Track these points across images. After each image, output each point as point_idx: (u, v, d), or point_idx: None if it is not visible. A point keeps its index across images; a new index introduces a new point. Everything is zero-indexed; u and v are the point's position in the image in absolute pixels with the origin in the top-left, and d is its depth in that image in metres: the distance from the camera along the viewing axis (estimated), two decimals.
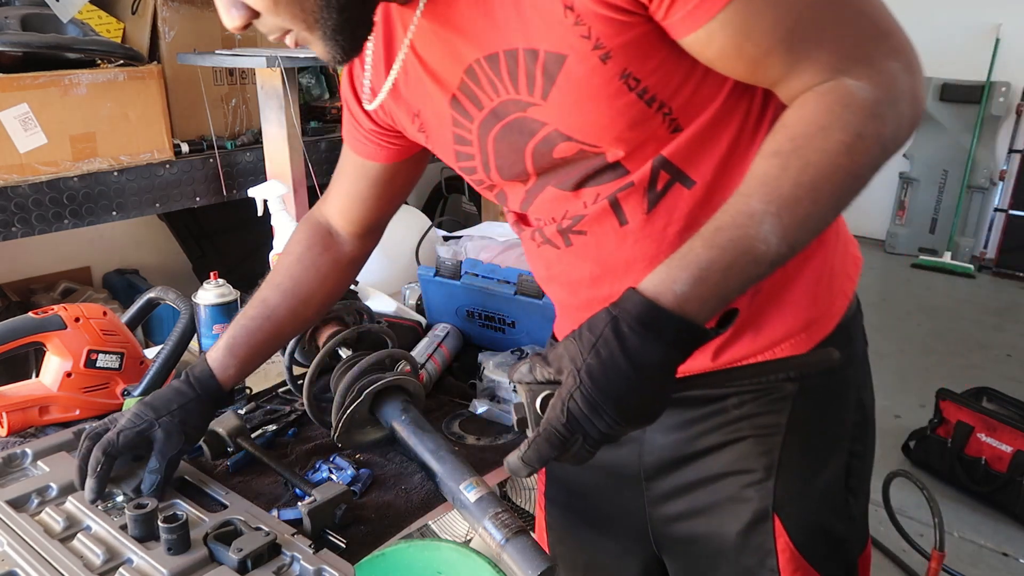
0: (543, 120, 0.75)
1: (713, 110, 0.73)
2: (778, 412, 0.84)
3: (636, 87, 0.70)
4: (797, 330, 0.82)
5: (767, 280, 0.79)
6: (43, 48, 1.68)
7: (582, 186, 0.79)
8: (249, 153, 2.05)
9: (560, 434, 0.64)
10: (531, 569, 0.85)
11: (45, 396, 1.15)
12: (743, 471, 0.86)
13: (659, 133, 0.74)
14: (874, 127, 0.63)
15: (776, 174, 0.63)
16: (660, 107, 0.72)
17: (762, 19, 0.64)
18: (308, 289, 1.04)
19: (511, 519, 0.90)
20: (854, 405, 0.88)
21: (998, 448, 2.57)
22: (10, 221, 1.67)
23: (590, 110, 0.72)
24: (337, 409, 1.09)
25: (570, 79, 0.70)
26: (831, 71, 0.65)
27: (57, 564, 0.81)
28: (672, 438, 0.89)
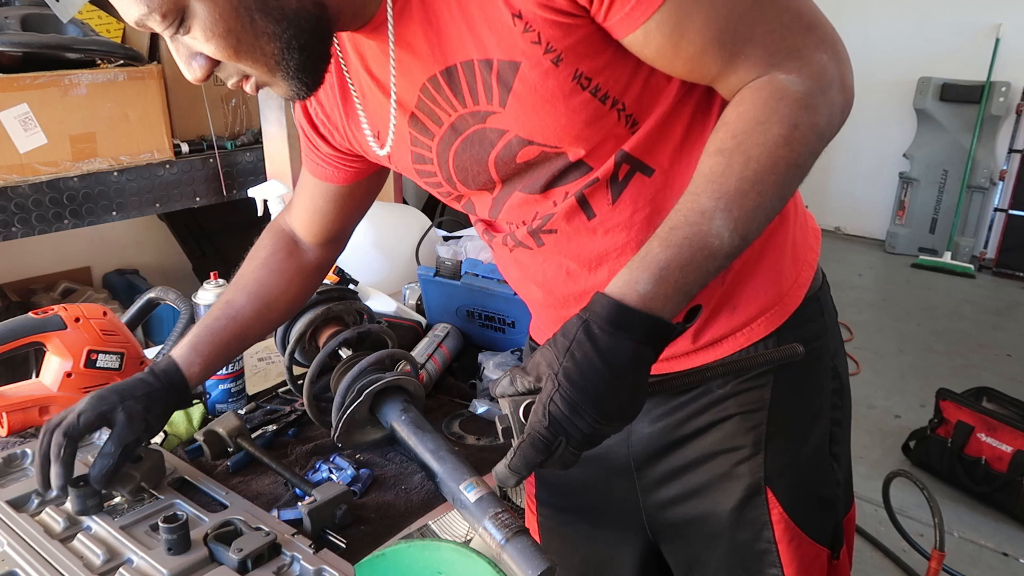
0: (503, 128, 0.77)
1: (666, 104, 0.76)
2: (761, 387, 0.87)
3: (589, 86, 0.72)
4: (770, 304, 0.85)
5: (737, 262, 0.81)
6: (43, 48, 1.68)
7: (550, 187, 0.81)
8: (249, 153, 2.05)
9: (544, 438, 0.65)
10: (531, 569, 0.86)
11: (45, 396, 1.15)
12: (732, 448, 0.88)
13: (617, 131, 0.76)
14: (808, 117, 0.67)
15: (721, 171, 0.67)
16: (614, 104, 0.74)
17: (694, 19, 0.67)
18: (273, 293, 1.05)
19: (511, 519, 0.90)
20: (831, 373, 0.91)
21: (998, 448, 2.57)
22: (10, 221, 1.67)
23: (548, 112, 0.74)
24: (337, 409, 1.09)
25: (526, 84, 0.72)
26: (764, 66, 0.69)
27: (57, 564, 0.81)
28: (659, 426, 0.91)
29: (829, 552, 0.93)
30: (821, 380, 0.91)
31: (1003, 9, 4.87)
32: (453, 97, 0.77)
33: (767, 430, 0.87)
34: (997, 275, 5.06)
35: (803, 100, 0.67)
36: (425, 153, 0.84)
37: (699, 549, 0.94)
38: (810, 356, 0.88)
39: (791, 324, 0.86)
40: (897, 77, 5.22)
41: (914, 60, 5.07)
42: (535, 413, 0.66)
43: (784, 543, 0.89)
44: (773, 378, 0.86)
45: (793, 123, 0.67)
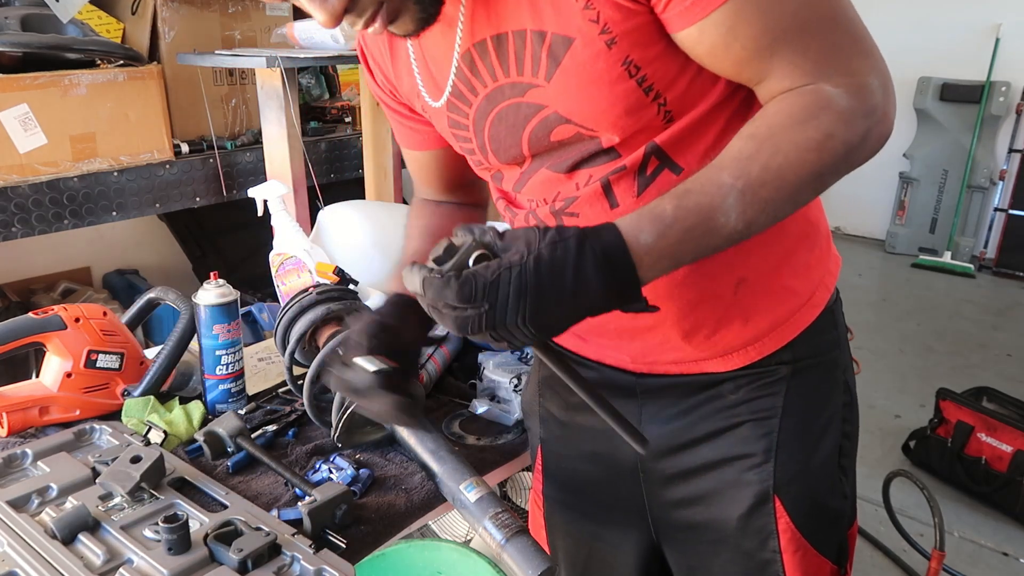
0: (542, 103, 0.77)
1: (706, 105, 0.76)
2: (774, 395, 0.87)
3: (636, 74, 0.72)
4: (783, 319, 0.86)
5: (752, 272, 0.83)
6: (43, 48, 1.68)
7: (576, 168, 0.81)
8: (249, 153, 2.05)
9: (474, 290, 0.61)
10: (531, 569, 0.86)
11: (45, 396, 1.15)
12: (743, 456, 0.87)
13: (654, 123, 0.76)
14: (845, 132, 0.67)
15: (748, 155, 0.66)
16: (656, 97, 0.74)
17: (752, 24, 0.67)
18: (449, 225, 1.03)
19: (511, 519, 0.90)
20: (842, 387, 0.92)
21: (998, 448, 2.57)
22: (10, 221, 1.67)
23: (592, 94, 0.74)
24: (337, 409, 1.09)
25: (575, 61, 0.72)
26: (813, 76, 0.68)
27: (57, 564, 0.81)
28: (669, 427, 0.90)
29: (834, 567, 0.92)
30: (833, 392, 0.91)
31: (1003, 9, 4.87)
32: (498, 65, 0.77)
33: (778, 438, 0.86)
34: (997, 275, 5.06)
35: (844, 115, 0.67)
36: (462, 120, 0.85)
37: (703, 554, 0.94)
38: (823, 367, 0.89)
39: (804, 336, 0.87)
40: (897, 77, 5.03)
41: (914, 60, 5.07)
42: (488, 267, 0.62)
43: (789, 553, 0.88)
44: (786, 386, 0.86)
45: (829, 132, 0.66)
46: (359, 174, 2.24)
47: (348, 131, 2.30)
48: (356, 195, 2.04)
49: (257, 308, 1.60)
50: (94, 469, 0.98)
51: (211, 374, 1.19)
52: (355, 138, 2.25)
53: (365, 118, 2.14)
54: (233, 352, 1.19)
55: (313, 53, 1.81)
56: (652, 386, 0.91)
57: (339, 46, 1.84)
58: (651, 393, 0.91)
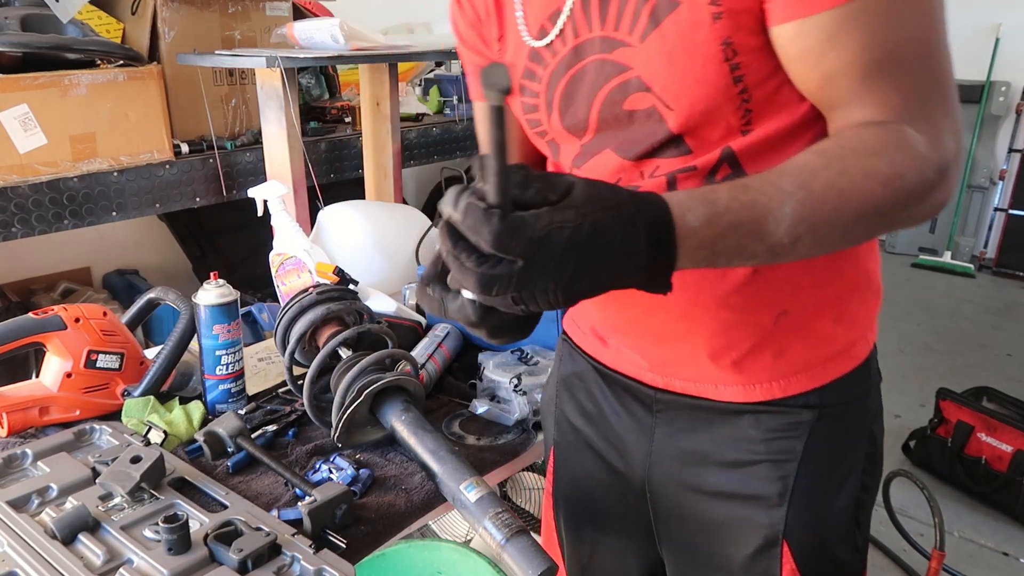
0: (628, 64, 0.73)
1: (786, 121, 0.73)
2: (795, 438, 0.83)
3: (732, 59, 0.69)
4: (816, 363, 0.83)
5: (798, 307, 0.80)
6: (43, 48, 1.68)
7: (644, 158, 0.78)
8: (249, 153, 2.05)
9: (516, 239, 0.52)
10: (531, 569, 0.86)
11: (45, 396, 1.15)
12: (756, 495, 0.85)
13: (730, 121, 0.73)
14: (915, 178, 0.63)
15: (815, 168, 0.63)
16: (743, 92, 0.71)
17: (856, 37, 0.64)
18: None
19: (511, 519, 0.90)
20: (867, 437, 0.88)
21: (998, 448, 2.57)
22: (10, 221, 1.67)
23: (682, 65, 0.70)
24: (337, 409, 1.09)
25: (676, 26, 0.69)
26: (898, 114, 0.65)
27: (57, 564, 0.81)
28: (682, 449, 0.89)
29: None
30: (857, 442, 0.87)
31: (1003, 9, 4.87)
32: (597, 14, 0.74)
33: (794, 482, 0.84)
34: (997, 275, 5.06)
35: (919, 162, 0.63)
36: (538, 70, 0.81)
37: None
38: (849, 416, 0.86)
39: (834, 384, 0.84)
40: None
41: None
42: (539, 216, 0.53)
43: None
44: (808, 431, 0.83)
45: (900, 173, 0.63)
46: (359, 174, 2.24)
47: (348, 131, 2.30)
48: (356, 195, 2.04)
49: (257, 308, 1.60)
50: (94, 469, 0.98)
51: (211, 374, 1.19)
52: (355, 138, 2.25)
53: (365, 118, 2.14)
54: (233, 352, 1.19)
55: (313, 53, 1.81)
56: (669, 403, 0.89)
57: (339, 46, 1.84)
58: (667, 410, 0.89)
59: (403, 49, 1.97)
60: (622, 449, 0.94)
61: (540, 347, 1.34)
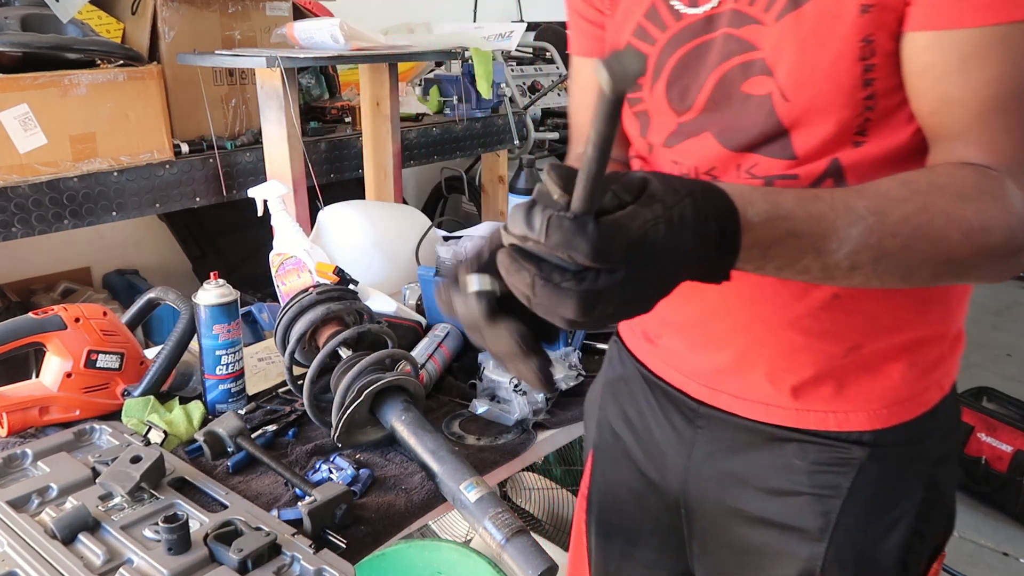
0: (756, 44, 0.69)
1: (898, 142, 0.68)
2: (842, 475, 0.79)
3: (868, 58, 0.64)
4: (879, 407, 0.78)
5: (873, 345, 0.76)
6: (43, 48, 1.68)
7: (746, 151, 0.73)
8: (249, 153, 2.05)
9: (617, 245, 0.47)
10: (531, 569, 0.86)
11: (45, 396, 1.15)
12: (795, 527, 0.81)
13: (847, 126, 0.68)
14: (1002, 235, 0.59)
15: (895, 197, 0.58)
16: (868, 97, 0.66)
17: (984, 66, 0.60)
18: None
19: (511, 519, 0.90)
20: (925, 481, 0.81)
21: (998, 448, 2.57)
22: (10, 221, 1.67)
23: (814, 54, 0.66)
24: (337, 409, 1.09)
25: (817, 10, 0.65)
26: (1001, 162, 0.61)
27: (57, 564, 0.81)
28: (721, 470, 0.86)
29: None
30: (911, 485, 0.81)
31: None
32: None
33: (837, 519, 0.79)
34: None
35: (1011, 220, 0.59)
36: (654, 31, 0.76)
37: None
38: (907, 458, 0.80)
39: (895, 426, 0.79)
40: None
41: None
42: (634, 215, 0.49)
43: None
44: (858, 468, 0.78)
45: (987, 226, 0.58)
46: (359, 174, 2.24)
47: (348, 131, 2.30)
48: (356, 195, 2.04)
49: (257, 308, 1.60)
50: (94, 469, 0.98)
51: (211, 374, 1.19)
52: (355, 138, 2.25)
53: (365, 118, 2.14)
54: (233, 352, 1.19)
55: (313, 53, 1.81)
56: (712, 419, 0.85)
57: (339, 46, 1.84)
58: (709, 427, 0.85)
59: (403, 49, 1.97)
60: (660, 461, 0.92)
61: None
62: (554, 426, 1.21)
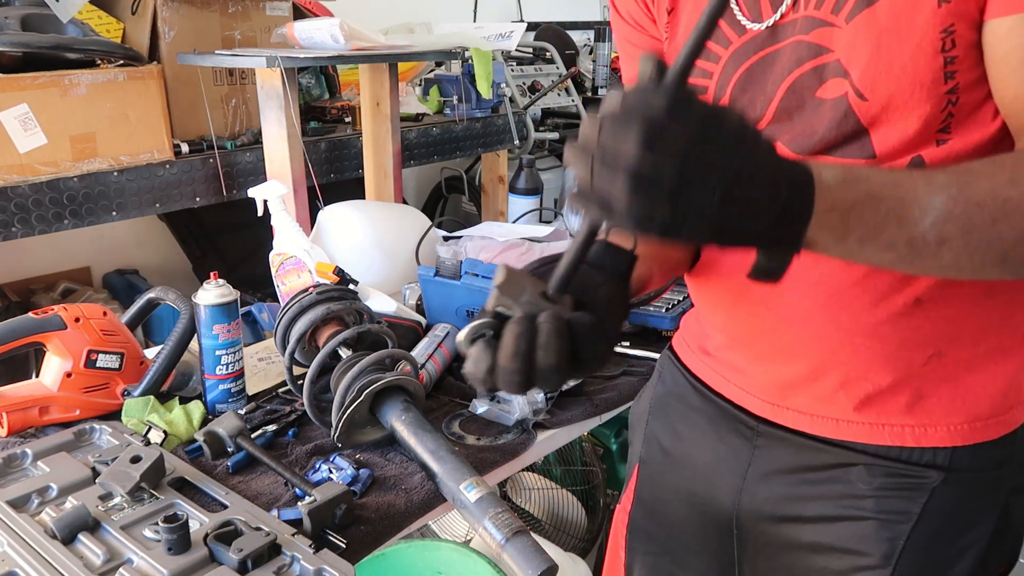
0: (828, 46, 0.67)
1: (982, 137, 0.66)
2: (912, 500, 0.75)
3: (948, 51, 0.62)
4: (960, 421, 0.75)
5: (956, 354, 0.73)
6: (43, 48, 1.68)
7: (823, 153, 0.70)
8: (249, 153, 2.04)
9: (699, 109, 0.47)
10: (531, 569, 0.86)
11: (45, 396, 1.15)
12: (858, 552, 0.78)
13: (930, 123, 0.65)
14: None
15: (979, 171, 0.56)
16: (951, 91, 0.63)
17: None
18: None
19: (511, 519, 0.91)
20: (999, 510, 0.78)
21: None
22: (10, 221, 1.67)
23: (891, 50, 0.63)
24: (337, 409, 1.09)
25: (892, 7, 0.63)
26: None
27: (57, 564, 0.81)
28: (778, 492, 0.82)
29: None
30: (984, 513, 0.77)
31: None
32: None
33: (904, 546, 0.76)
34: None
35: None
36: (717, 49, 0.74)
37: None
38: (982, 484, 0.76)
39: (971, 447, 0.75)
40: None
41: None
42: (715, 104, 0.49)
43: None
44: (930, 493, 0.75)
45: None
46: (359, 174, 2.24)
47: (348, 131, 2.30)
48: (356, 195, 2.04)
49: (257, 308, 1.60)
50: (94, 469, 0.98)
51: (211, 374, 1.19)
52: (355, 138, 2.25)
53: (365, 118, 2.14)
54: (233, 352, 1.19)
55: (313, 53, 1.81)
56: (772, 437, 0.82)
57: (339, 46, 1.84)
58: (769, 446, 0.82)
59: (403, 49, 1.97)
60: (712, 480, 0.89)
61: None
62: (554, 426, 1.21)
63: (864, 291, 0.72)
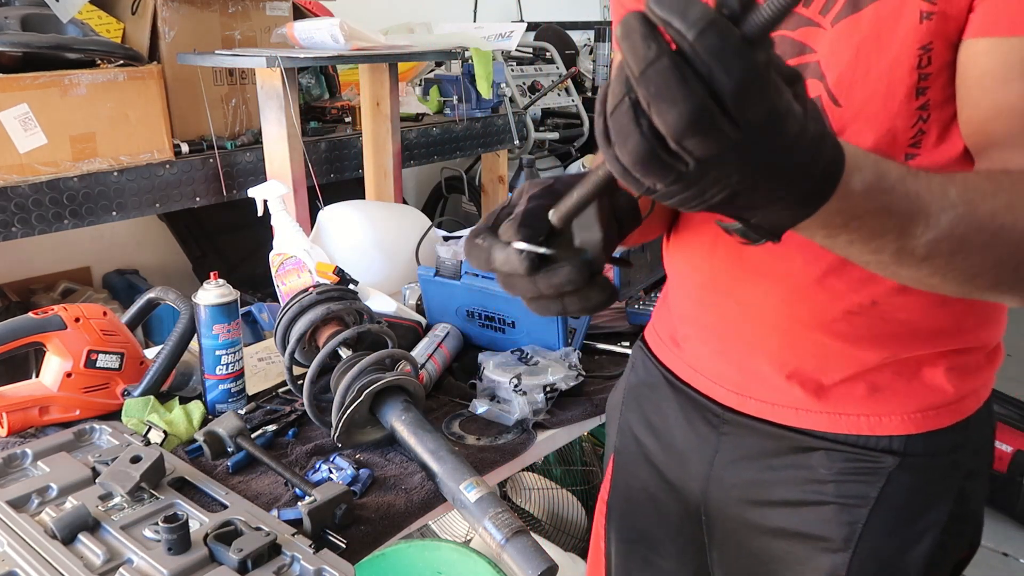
0: (812, 46, 0.68)
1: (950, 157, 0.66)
2: (869, 484, 0.78)
3: (923, 67, 0.63)
4: (914, 410, 0.77)
5: (907, 350, 0.75)
6: (43, 48, 1.68)
7: None
8: (249, 153, 2.05)
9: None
10: (531, 569, 0.86)
11: (45, 396, 1.15)
12: (819, 537, 0.80)
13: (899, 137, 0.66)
14: None
15: (984, 191, 0.55)
16: (922, 108, 0.65)
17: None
18: None
19: (511, 519, 0.91)
20: (955, 494, 0.80)
21: (998, 448, 2.57)
22: (10, 221, 1.67)
23: (868, 58, 0.65)
24: (337, 409, 1.09)
25: (876, 16, 0.64)
26: None
27: (57, 564, 0.81)
28: (743, 478, 0.85)
29: None
30: (940, 497, 0.79)
31: None
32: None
33: (863, 529, 0.78)
34: None
35: None
36: None
37: None
38: (937, 469, 0.79)
39: (927, 434, 0.77)
40: None
41: None
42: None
43: None
44: (887, 478, 0.77)
45: None
46: (359, 174, 2.24)
47: (348, 131, 2.30)
48: (356, 195, 2.04)
49: (257, 308, 1.60)
50: (94, 469, 0.98)
51: (211, 374, 1.19)
52: (355, 138, 2.25)
53: (365, 118, 2.14)
54: (233, 352, 1.19)
55: (313, 53, 1.81)
56: (737, 425, 0.85)
57: (339, 46, 1.84)
58: (734, 434, 0.85)
59: (403, 49, 1.97)
60: (682, 467, 0.91)
61: (540, 347, 1.34)
62: (554, 426, 1.21)
63: (824, 289, 0.74)
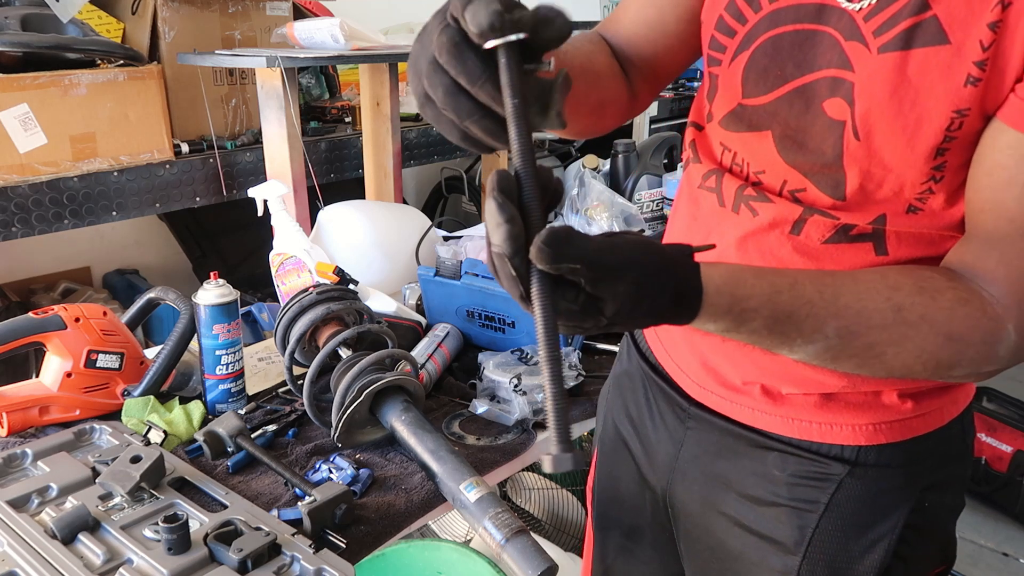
0: (854, 66, 0.65)
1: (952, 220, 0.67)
2: (820, 490, 0.78)
3: (952, 129, 0.61)
4: (866, 423, 0.77)
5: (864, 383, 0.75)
6: (43, 48, 1.68)
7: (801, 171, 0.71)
8: (249, 153, 2.05)
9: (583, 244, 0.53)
10: (531, 569, 0.86)
11: (45, 396, 1.15)
12: (770, 538, 0.81)
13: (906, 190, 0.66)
14: (963, 371, 0.63)
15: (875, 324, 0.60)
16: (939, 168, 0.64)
17: None
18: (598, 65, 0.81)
19: (511, 519, 0.91)
20: (912, 505, 0.78)
21: (998, 448, 2.57)
22: (10, 221, 1.67)
23: (902, 104, 0.62)
24: (337, 409, 1.09)
25: (924, 62, 0.61)
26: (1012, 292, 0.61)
27: (57, 564, 0.81)
28: (705, 472, 0.86)
29: None
30: (896, 508, 0.78)
31: None
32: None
33: (812, 535, 0.78)
34: None
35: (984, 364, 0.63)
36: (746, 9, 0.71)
37: None
38: (889, 478, 0.78)
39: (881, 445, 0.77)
40: None
41: None
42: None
43: None
44: (837, 485, 0.77)
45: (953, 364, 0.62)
46: (359, 174, 2.24)
47: (348, 131, 2.30)
48: (356, 195, 2.04)
49: (257, 308, 1.60)
50: (94, 469, 0.98)
51: (211, 374, 1.19)
52: (355, 138, 2.25)
53: (365, 118, 2.14)
54: (233, 352, 1.19)
55: (313, 53, 1.81)
56: (701, 420, 0.86)
57: (339, 46, 1.84)
58: (698, 428, 0.86)
59: (403, 49, 1.97)
60: (653, 458, 0.93)
61: None
62: None
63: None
